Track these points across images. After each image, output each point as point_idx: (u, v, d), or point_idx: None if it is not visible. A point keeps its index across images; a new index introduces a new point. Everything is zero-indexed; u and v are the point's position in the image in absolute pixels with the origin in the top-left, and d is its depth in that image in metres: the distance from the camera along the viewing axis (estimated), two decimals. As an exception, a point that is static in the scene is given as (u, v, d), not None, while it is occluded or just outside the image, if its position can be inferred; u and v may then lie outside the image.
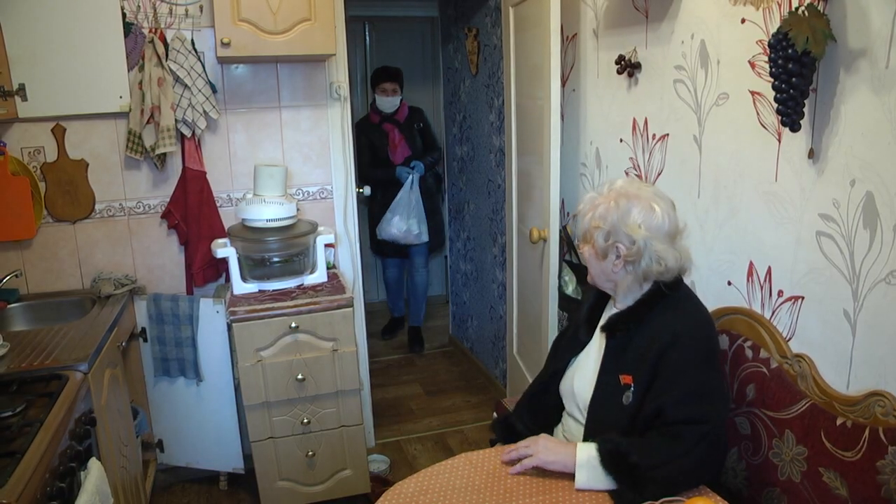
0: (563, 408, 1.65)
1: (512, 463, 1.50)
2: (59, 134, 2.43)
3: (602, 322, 1.58)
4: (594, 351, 1.58)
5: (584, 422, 1.53)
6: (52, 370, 1.71)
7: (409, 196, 3.85)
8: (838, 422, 1.36)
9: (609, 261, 1.49)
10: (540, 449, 1.47)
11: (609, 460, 1.37)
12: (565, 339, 1.73)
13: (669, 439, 1.37)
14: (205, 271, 2.61)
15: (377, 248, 4.21)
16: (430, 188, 4.07)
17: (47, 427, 1.41)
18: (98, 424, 1.73)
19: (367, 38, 4.73)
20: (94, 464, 1.56)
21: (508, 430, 1.69)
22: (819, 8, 1.32)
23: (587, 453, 1.40)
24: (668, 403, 1.39)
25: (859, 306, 1.35)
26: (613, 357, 1.51)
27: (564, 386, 1.63)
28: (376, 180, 3.88)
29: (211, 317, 2.51)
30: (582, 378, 1.57)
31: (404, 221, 3.86)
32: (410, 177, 3.81)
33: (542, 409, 1.69)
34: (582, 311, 1.68)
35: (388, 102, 3.86)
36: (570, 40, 2.46)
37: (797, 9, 1.32)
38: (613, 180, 1.54)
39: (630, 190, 1.48)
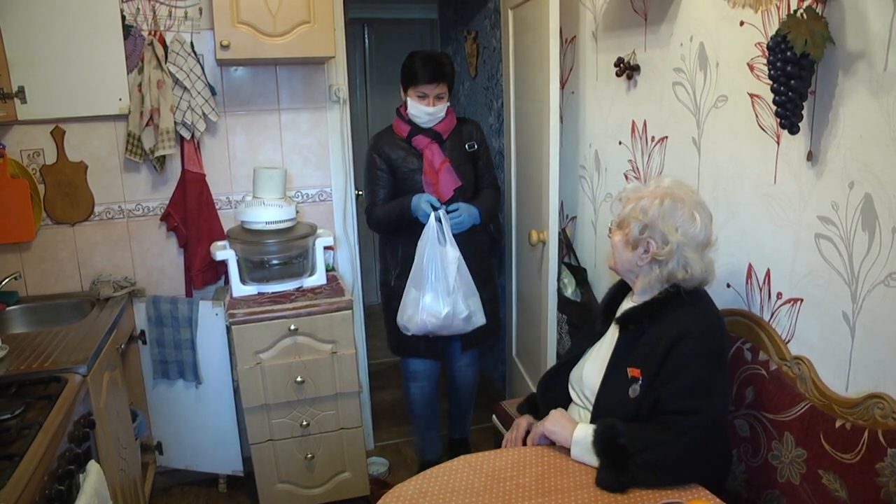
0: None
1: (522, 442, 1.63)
2: (58, 136, 2.44)
3: (617, 315, 1.61)
4: (607, 342, 1.62)
5: (590, 410, 1.57)
6: (51, 373, 1.70)
7: (438, 251, 2.30)
8: (837, 424, 1.36)
9: (636, 253, 1.53)
10: (549, 418, 1.56)
11: (600, 440, 1.42)
12: (585, 329, 1.78)
13: (660, 427, 1.40)
14: (204, 273, 2.61)
15: (397, 345, 2.62)
16: (478, 242, 2.55)
17: (46, 430, 1.41)
18: (97, 427, 1.73)
19: (367, 40, 4.73)
20: (92, 466, 1.56)
21: (532, 408, 1.80)
22: (817, 10, 1.32)
23: (584, 432, 1.46)
24: (665, 395, 1.42)
25: (858, 308, 1.35)
26: (624, 350, 1.54)
27: (574, 374, 1.68)
28: (385, 226, 2.48)
29: (210, 319, 2.51)
30: (592, 368, 1.61)
31: (443, 300, 2.31)
32: (433, 215, 2.29)
33: (553, 396, 1.75)
34: (601, 302, 1.74)
35: (427, 115, 2.38)
36: (569, 43, 2.46)
37: (796, 11, 1.32)
38: (662, 178, 1.56)
39: (677, 192, 1.50)
